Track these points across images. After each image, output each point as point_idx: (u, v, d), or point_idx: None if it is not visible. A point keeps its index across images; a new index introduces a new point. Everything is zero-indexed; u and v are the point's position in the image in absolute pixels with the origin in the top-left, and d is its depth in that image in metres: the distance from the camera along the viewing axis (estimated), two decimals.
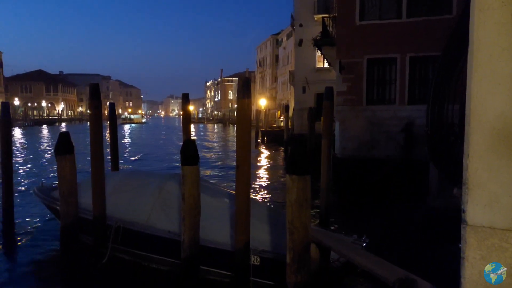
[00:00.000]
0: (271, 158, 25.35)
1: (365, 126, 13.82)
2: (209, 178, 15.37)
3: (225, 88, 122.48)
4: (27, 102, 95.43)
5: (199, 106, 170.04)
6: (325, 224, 8.80)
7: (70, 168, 6.90)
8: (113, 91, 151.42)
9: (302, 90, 28.70)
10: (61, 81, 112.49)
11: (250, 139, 5.97)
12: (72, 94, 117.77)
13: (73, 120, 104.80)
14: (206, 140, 43.00)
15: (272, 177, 17.79)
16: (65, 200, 7.00)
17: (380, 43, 13.50)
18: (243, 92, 5.73)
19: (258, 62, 78.42)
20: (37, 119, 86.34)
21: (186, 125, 10.62)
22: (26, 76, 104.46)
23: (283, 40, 56.48)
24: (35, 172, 18.78)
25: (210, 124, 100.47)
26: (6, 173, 9.16)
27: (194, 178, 5.71)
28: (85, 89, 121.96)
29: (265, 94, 67.32)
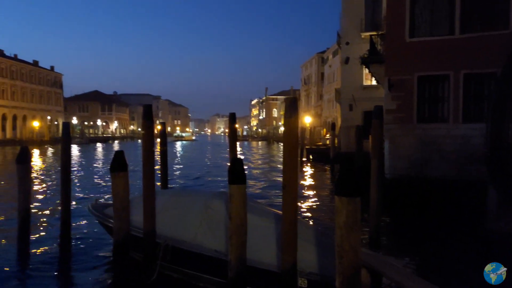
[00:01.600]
0: (317, 177, 25.01)
1: (416, 145, 13.34)
2: (255, 196, 15.39)
3: (269, 106, 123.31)
4: (84, 121, 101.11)
5: (243, 124, 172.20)
6: (375, 247, 8.49)
7: (123, 185, 7.15)
8: (162, 110, 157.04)
9: (349, 108, 28.29)
10: (115, 101, 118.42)
11: (297, 160, 5.93)
12: (124, 113, 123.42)
13: (125, 137, 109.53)
14: (251, 156, 43.30)
15: (318, 197, 17.50)
16: (118, 216, 7.23)
17: (432, 60, 13.09)
18: (290, 112, 5.73)
19: (303, 80, 78.49)
20: (92, 137, 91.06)
21: (233, 144, 10.75)
22: (83, 96, 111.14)
23: (329, 58, 56.28)
24: (90, 188, 19.69)
25: (255, 141, 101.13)
26: (65, 189, 9.65)
27: (241, 197, 5.73)
28: (136, 108, 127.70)
29: (310, 112, 67.03)
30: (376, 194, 8.82)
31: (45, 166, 31.92)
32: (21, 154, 8.40)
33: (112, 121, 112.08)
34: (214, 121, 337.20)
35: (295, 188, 5.80)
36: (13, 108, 71.60)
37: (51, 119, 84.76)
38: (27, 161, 8.50)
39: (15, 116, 72.40)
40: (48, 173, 26.33)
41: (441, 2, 13.26)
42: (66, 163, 9.58)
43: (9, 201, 14.76)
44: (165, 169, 11.63)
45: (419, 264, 6.49)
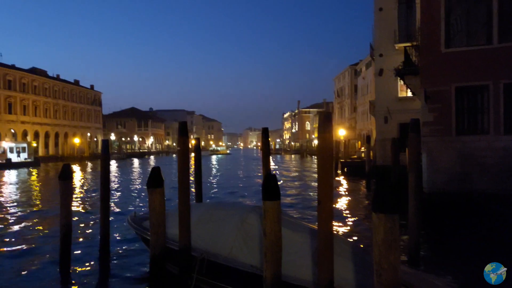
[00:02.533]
0: (352, 191, 24.55)
1: (455, 158, 12.90)
2: (289, 210, 15.28)
3: (302, 119, 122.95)
4: (122, 137, 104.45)
5: (276, 137, 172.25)
6: (415, 264, 8.22)
7: (159, 200, 7.32)
8: (196, 125, 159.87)
9: (384, 120, 27.77)
10: (151, 117, 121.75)
11: (332, 175, 5.88)
12: (160, 129, 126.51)
13: (161, 152, 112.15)
14: (284, 170, 43.13)
15: (354, 211, 17.16)
16: (155, 231, 7.40)
17: (469, 70, 12.71)
18: (324, 127, 5.70)
19: (336, 92, 77.91)
20: (129, 152, 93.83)
21: (266, 159, 10.78)
22: (121, 113, 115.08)
23: (362, 70, 55.70)
24: (128, 201, 20.21)
25: (288, 155, 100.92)
26: (104, 203, 9.98)
27: (276, 213, 5.72)
28: (171, 124, 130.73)
29: (344, 124, 66.26)
30: (415, 210, 8.57)
31: (85, 181, 33.10)
32: (63, 171, 8.77)
33: (148, 137, 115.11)
34: (247, 135, 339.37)
35: (330, 203, 5.73)
36: (55, 126, 75.01)
37: (91, 135, 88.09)
38: (69, 177, 8.85)
39: (57, 133, 75.75)
40: (88, 188, 27.27)
41: (478, 11, 12.92)
42: (105, 179, 9.92)
43: (52, 216, 15.38)
44: (200, 183, 11.80)
45: (462, 283, 6.21)
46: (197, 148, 13.14)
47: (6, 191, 26.64)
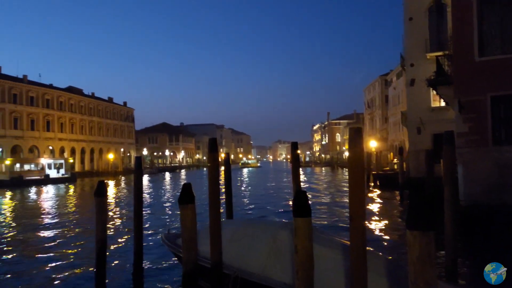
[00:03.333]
0: (385, 204, 23.99)
1: (492, 169, 12.41)
2: (320, 223, 15.09)
3: (332, 131, 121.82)
4: (154, 152, 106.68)
5: (306, 149, 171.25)
6: (452, 279, 7.90)
7: (191, 217, 7.39)
8: (226, 139, 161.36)
9: (417, 131, 27.09)
10: (182, 132, 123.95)
11: (364, 191, 5.78)
12: (190, 143, 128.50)
13: (191, 166, 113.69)
14: (314, 184, 42.70)
15: (388, 225, 16.74)
16: (186, 247, 7.46)
17: (505, 79, 12.28)
18: (355, 142, 5.63)
19: (367, 103, 76.91)
20: (161, 166, 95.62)
21: (296, 174, 10.72)
22: (152, 129, 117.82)
23: (393, 80, 54.84)
24: (160, 216, 20.53)
25: (318, 167, 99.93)
26: (138, 219, 10.18)
27: (307, 230, 5.65)
28: (202, 138, 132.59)
29: (376, 136, 65.13)
30: (451, 224, 8.28)
31: (119, 196, 33.91)
32: (99, 188, 9.03)
33: (179, 151, 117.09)
34: (276, 147, 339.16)
35: (363, 220, 5.62)
36: (90, 142, 77.56)
37: (124, 151, 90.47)
38: (104, 194, 9.10)
39: (93, 149, 78.26)
40: (122, 203, 27.92)
41: None
42: (138, 195, 10.14)
43: (88, 230, 15.82)
44: (230, 199, 11.85)
45: None
46: (227, 163, 13.24)
47: (45, 205, 27.67)
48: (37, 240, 15.21)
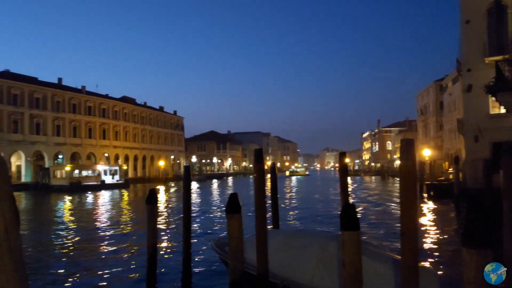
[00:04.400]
0: (439, 216, 22.86)
1: None
2: (369, 236, 14.64)
3: (383, 139, 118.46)
4: (202, 159, 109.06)
5: (355, 158, 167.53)
6: None
7: (237, 226, 7.44)
8: (272, 147, 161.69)
9: (474, 139, 25.63)
10: (229, 140, 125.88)
11: (416, 205, 5.54)
12: (237, 151, 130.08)
13: (238, 174, 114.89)
14: (364, 194, 41.60)
15: (442, 239, 15.91)
16: (233, 256, 7.51)
17: None
18: (407, 154, 5.42)
19: (420, 110, 74.06)
20: (209, 173, 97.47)
21: (344, 186, 10.49)
22: (201, 137, 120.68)
23: (448, 86, 52.49)
24: (208, 223, 20.87)
25: (367, 176, 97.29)
26: (186, 226, 10.41)
27: (355, 244, 5.50)
28: (248, 146, 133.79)
29: (429, 144, 62.44)
30: (511, 240, 7.71)
31: (169, 203, 34.90)
32: (150, 196, 9.34)
33: (226, 159, 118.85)
34: (324, 155, 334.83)
35: (415, 235, 5.39)
36: (143, 150, 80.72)
37: (174, 158, 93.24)
38: (154, 202, 9.41)
39: (145, 156, 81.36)
40: (172, 209, 28.70)
41: None
42: (187, 204, 10.38)
43: (139, 235, 16.38)
44: (276, 209, 11.81)
45: None
46: (273, 172, 13.22)
47: (101, 210, 29.08)
48: (93, 244, 15.97)
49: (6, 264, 2.72)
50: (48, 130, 60.19)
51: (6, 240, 2.72)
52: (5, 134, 53.89)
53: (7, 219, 2.76)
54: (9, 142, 54.24)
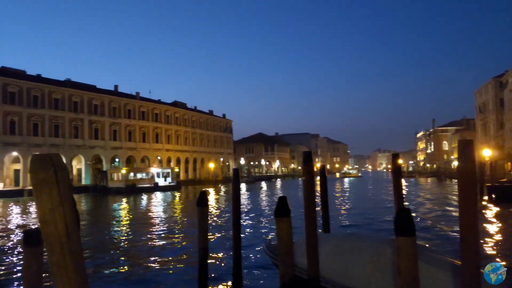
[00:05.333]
0: (502, 220, 21.42)
1: None
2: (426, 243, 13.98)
3: (438, 139, 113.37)
4: (250, 161, 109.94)
5: (408, 158, 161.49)
6: None
7: (287, 230, 7.39)
8: (321, 148, 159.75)
9: None
10: (277, 141, 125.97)
11: (476, 207, 5.20)
12: (285, 153, 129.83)
13: (286, 176, 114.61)
14: (419, 197, 39.91)
15: (505, 245, 14.89)
16: (283, 260, 7.47)
17: None
18: (465, 155, 5.12)
19: (478, 107, 70.07)
20: (258, 175, 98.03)
21: (398, 189, 10.09)
22: (249, 139, 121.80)
23: (508, 82, 49.21)
24: (257, 225, 20.95)
25: (422, 178, 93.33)
26: (236, 229, 10.50)
27: (411, 250, 5.26)
28: (296, 147, 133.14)
29: (489, 143, 58.88)
30: None
31: (219, 203, 35.48)
32: (201, 198, 9.51)
33: (274, 161, 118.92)
34: (375, 156, 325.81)
35: (476, 240, 5.06)
36: (193, 152, 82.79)
37: (223, 160, 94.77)
38: (205, 204, 9.57)
39: (195, 159, 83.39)
40: (222, 211, 29.13)
41: None
42: (236, 206, 10.46)
43: (191, 237, 16.77)
44: (326, 212, 11.60)
45: None
46: (323, 174, 13.00)
47: (156, 211, 30.13)
48: (147, 245, 16.54)
49: (67, 264, 2.86)
50: (105, 135, 63.42)
51: (67, 242, 2.86)
52: (67, 139, 57.46)
53: (68, 221, 2.90)
54: (70, 147, 57.75)
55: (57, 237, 2.83)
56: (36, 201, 2.77)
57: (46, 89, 55.97)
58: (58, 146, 55.71)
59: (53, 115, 56.43)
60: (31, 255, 4.85)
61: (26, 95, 53.40)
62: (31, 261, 4.87)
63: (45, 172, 2.78)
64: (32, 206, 34.88)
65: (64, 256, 2.84)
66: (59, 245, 2.84)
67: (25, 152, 52.17)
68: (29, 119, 53.62)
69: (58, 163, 2.86)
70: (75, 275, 2.85)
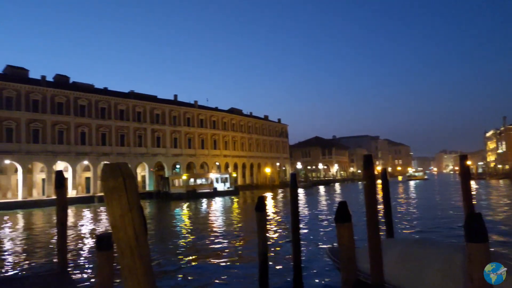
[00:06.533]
0: None
1: None
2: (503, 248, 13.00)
3: (510, 138, 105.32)
4: (307, 165, 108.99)
5: (477, 159, 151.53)
6: None
7: (348, 235, 7.22)
8: (381, 150, 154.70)
9: None
10: (334, 145, 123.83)
11: None
12: (344, 156, 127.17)
13: (346, 180, 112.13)
14: (491, 199, 37.24)
15: None
16: (344, 266, 7.30)
17: None
18: None
19: None
20: (315, 180, 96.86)
21: (467, 191, 9.49)
22: (305, 143, 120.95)
23: None
24: (316, 230, 20.67)
25: (494, 180, 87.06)
26: (295, 233, 10.43)
27: (483, 257, 4.93)
28: (355, 151, 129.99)
29: None
30: None
31: (277, 207, 35.50)
32: (259, 203, 9.60)
33: (332, 164, 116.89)
34: (440, 158, 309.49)
35: None
36: (250, 158, 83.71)
37: (280, 165, 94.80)
38: (263, 209, 9.63)
39: (252, 164, 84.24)
40: (280, 215, 29.11)
41: None
42: (295, 211, 10.41)
43: (250, 242, 16.92)
44: (390, 217, 11.19)
45: None
46: (384, 178, 12.56)
47: (216, 216, 30.81)
48: (209, 249, 16.94)
49: (137, 268, 3.00)
50: (166, 143, 66.09)
51: (136, 246, 3.00)
52: (132, 148, 60.62)
53: (136, 227, 3.05)
54: (135, 155, 60.85)
55: (127, 241, 2.98)
56: (107, 208, 2.93)
57: (112, 101, 59.52)
58: (124, 154, 58.92)
59: (119, 125, 59.82)
60: (103, 259, 5.16)
61: (94, 108, 57.15)
62: (103, 264, 5.18)
63: (114, 180, 2.95)
64: (102, 212, 37.16)
65: (134, 260, 2.98)
66: (129, 249, 2.99)
67: (94, 160, 55.76)
68: (98, 129, 57.25)
69: (127, 171, 3.01)
70: (145, 278, 2.98)
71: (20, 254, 16.76)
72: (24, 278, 10.61)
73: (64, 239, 9.26)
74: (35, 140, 50.50)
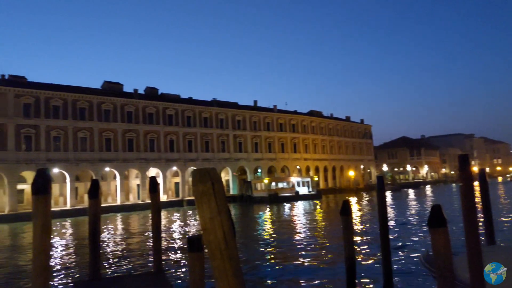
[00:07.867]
0: None
1: None
2: None
3: None
4: (394, 167, 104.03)
5: None
6: None
7: (444, 241, 6.71)
8: (477, 149, 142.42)
9: None
10: (423, 145, 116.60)
11: None
12: (434, 157, 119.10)
13: (437, 182, 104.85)
14: None
15: None
16: (441, 274, 6.80)
17: None
18: None
19: None
20: (403, 182, 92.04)
21: None
22: (391, 144, 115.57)
23: None
24: (409, 236, 19.59)
25: None
26: (384, 239, 9.98)
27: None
28: (447, 150, 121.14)
29: None
30: None
31: (363, 212, 34.36)
32: (344, 207, 9.34)
33: (422, 166, 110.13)
34: None
35: None
36: (332, 160, 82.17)
37: (364, 167, 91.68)
38: (349, 213, 9.36)
39: (334, 167, 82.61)
40: (367, 220, 28.12)
41: None
42: (383, 214, 9.97)
43: (337, 247, 16.56)
44: (490, 222, 10.19)
45: None
46: (482, 179, 11.51)
47: (299, 220, 30.76)
48: (294, 253, 16.92)
49: (227, 269, 3.08)
50: (248, 147, 67.67)
51: (226, 249, 3.08)
52: (215, 153, 63.12)
53: (225, 229, 3.13)
54: (219, 160, 63.22)
55: (217, 244, 3.08)
56: (198, 211, 3.06)
57: (197, 110, 62.61)
58: (209, 160, 61.55)
59: (204, 132, 62.67)
60: (194, 260, 5.39)
61: (181, 117, 60.60)
62: (195, 265, 5.41)
63: (204, 185, 3.06)
64: (191, 215, 39.12)
65: (223, 262, 3.06)
66: (218, 252, 3.08)
67: (182, 166, 59.02)
68: (185, 137, 60.55)
69: (215, 176, 3.12)
70: (234, 279, 3.05)
71: (121, 255, 18.27)
72: (126, 277, 11.51)
73: (159, 241, 9.87)
74: (130, 148, 54.91)
